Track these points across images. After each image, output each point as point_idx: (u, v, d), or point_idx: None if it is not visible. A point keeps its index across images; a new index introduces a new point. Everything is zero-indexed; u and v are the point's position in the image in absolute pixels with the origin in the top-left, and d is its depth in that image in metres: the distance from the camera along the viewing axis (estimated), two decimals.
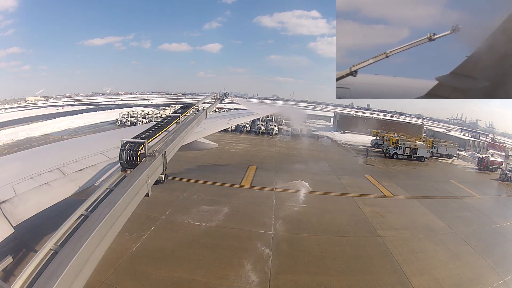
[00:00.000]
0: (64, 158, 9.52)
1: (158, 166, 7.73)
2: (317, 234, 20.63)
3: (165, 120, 11.43)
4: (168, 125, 10.60)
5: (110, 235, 5.28)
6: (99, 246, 4.87)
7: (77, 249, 4.32)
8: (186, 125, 11.87)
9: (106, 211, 5.20)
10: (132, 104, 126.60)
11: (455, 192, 34.24)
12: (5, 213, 6.43)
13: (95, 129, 64.47)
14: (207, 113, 15.98)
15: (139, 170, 6.86)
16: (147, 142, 7.75)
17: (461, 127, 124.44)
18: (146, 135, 8.61)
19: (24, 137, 54.09)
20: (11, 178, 7.82)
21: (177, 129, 10.91)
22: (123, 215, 5.81)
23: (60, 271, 3.93)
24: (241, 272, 16.12)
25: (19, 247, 14.78)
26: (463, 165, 55.04)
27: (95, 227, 4.77)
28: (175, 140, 9.47)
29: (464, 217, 26.14)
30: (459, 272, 17.30)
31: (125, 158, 7.25)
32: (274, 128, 68.94)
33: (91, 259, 4.63)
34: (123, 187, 6.12)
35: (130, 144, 7.41)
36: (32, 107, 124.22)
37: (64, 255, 4.23)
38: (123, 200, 5.70)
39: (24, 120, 76.27)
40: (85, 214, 5.40)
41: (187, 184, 29.39)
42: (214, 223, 21.53)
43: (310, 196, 28.27)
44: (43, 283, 3.80)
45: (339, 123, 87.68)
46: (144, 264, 16.35)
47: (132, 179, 6.40)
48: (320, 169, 39.82)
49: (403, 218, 24.70)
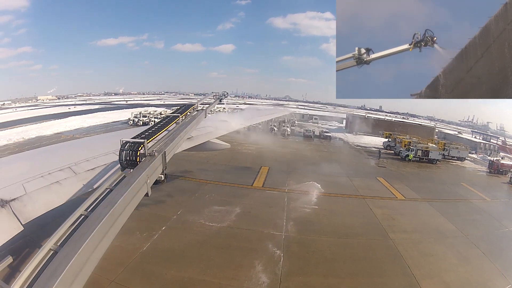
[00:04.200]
0: (76, 157, 9.56)
1: (157, 166, 7.81)
2: (328, 236, 20.64)
3: (165, 120, 11.47)
4: (167, 125, 10.63)
5: (110, 235, 5.34)
6: (99, 246, 4.94)
7: (77, 249, 4.38)
8: (186, 125, 11.96)
9: (105, 211, 5.26)
10: (144, 104, 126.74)
11: (466, 195, 34.04)
12: (14, 211, 6.52)
13: (107, 128, 64.80)
14: (206, 113, 16.06)
15: (139, 170, 6.94)
16: (147, 142, 7.81)
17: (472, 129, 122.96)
18: (146, 135, 8.65)
19: (35, 136, 54.55)
20: (21, 176, 7.88)
21: (176, 129, 10.98)
22: (123, 215, 5.84)
23: (60, 271, 3.99)
24: (251, 273, 16.15)
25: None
26: (474, 168, 54.46)
27: (95, 227, 4.83)
28: (174, 140, 9.57)
29: (474, 220, 26.05)
30: (468, 276, 17.29)
31: (124, 158, 7.28)
32: (286, 129, 68.98)
33: (91, 259, 4.69)
34: (122, 187, 6.17)
35: (129, 144, 7.45)
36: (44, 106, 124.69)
37: (64, 255, 4.29)
38: (123, 200, 5.75)
39: (35, 119, 76.86)
40: (85, 214, 5.47)
41: (199, 184, 29.64)
42: (226, 223, 21.59)
43: (322, 198, 28.22)
44: (43, 283, 3.87)
45: (351, 124, 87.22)
46: (154, 264, 16.48)
47: (131, 179, 6.46)
48: (332, 170, 39.68)
49: (414, 220, 24.66)
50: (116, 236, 8.89)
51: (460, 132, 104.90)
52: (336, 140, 69.87)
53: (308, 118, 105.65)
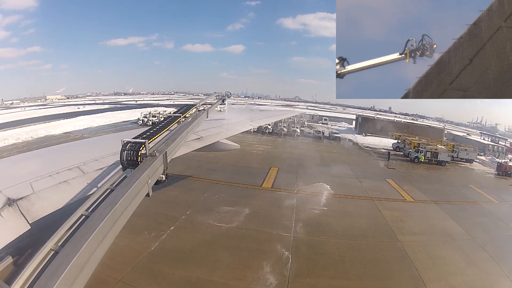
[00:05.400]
0: (85, 156, 9.55)
1: (159, 166, 7.71)
2: (337, 238, 20.69)
3: (166, 120, 11.40)
4: (169, 125, 10.55)
5: (111, 235, 5.29)
6: (100, 246, 4.90)
7: (77, 249, 4.34)
8: (187, 125, 11.85)
9: (106, 211, 5.21)
10: (154, 104, 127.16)
11: (474, 198, 33.91)
12: (22, 210, 6.54)
13: (116, 128, 65.28)
14: (208, 113, 15.97)
15: (140, 170, 6.86)
16: (148, 142, 7.76)
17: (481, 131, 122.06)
18: (147, 135, 8.61)
19: (43, 135, 54.98)
20: (29, 175, 7.88)
21: (178, 129, 10.84)
22: (124, 215, 5.77)
23: (60, 271, 3.96)
24: (259, 274, 16.21)
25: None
26: (482, 170, 54.28)
27: (95, 227, 4.79)
28: (176, 140, 9.47)
29: (482, 223, 25.97)
30: (475, 279, 17.30)
31: (125, 158, 7.22)
32: (296, 130, 69.22)
33: (91, 259, 4.65)
34: (123, 187, 6.11)
35: (131, 144, 7.37)
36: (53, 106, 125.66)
37: (64, 255, 4.26)
38: (124, 200, 5.69)
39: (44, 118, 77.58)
40: (86, 214, 5.45)
41: (208, 184, 29.80)
42: (234, 224, 21.68)
43: (331, 199, 28.31)
44: (44, 283, 3.84)
45: (361, 125, 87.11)
46: (162, 264, 16.57)
47: (132, 179, 6.39)
48: (341, 171, 39.78)
49: (423, 223, 24.68)
50: (124, 236, 8.86)
51: (469, 134, 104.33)
52: (346, 141, 69.91)
53: (318, 119, 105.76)
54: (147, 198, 6.80)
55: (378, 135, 77.74)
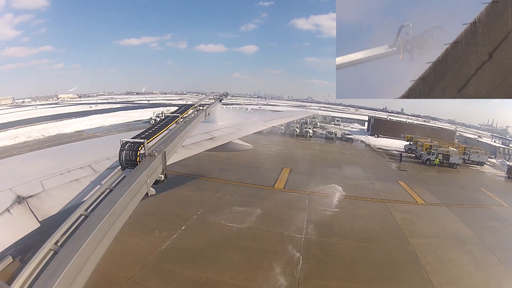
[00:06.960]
0: (96, 155, 9.62)
1: (157, 166, 7.82)
2: (348, 240, 20.79)
3: (165, 120, 11.56)
4: (167, 125, 10.70)
5: (110, 235, 5.35)
6: (99, 246, 4.96)
7: (76, 249, 4.40)
8: (186, 125, 12.02)
9: (105, 211, 5.29)
10: (166, 103, 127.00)
11: (484, 201, 33.82)
12: (32, 207, 6.61)
13: (129, 127, 65.80)
14: (206, 113, 16.14)
15: (139, 170, 6.96)
16: (147, 142, 7.85)
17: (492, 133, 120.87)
18: (146, 135, 8.72)
19: (55, 133, 55.65)
20: (40, 173, 7.98)
21: (176, 129, 11.04)
22: (123, 215, 5.83)
23: (60, 271, 4.02)
24: (269, 275, 16.33)
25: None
26: (493, 172, 53.84)
27: (95, 227, 4.87)
28: (174, 140, 9.59)
29: (492, 226, 25.91)
30: (484, 284, 17.34)
31: (124, 158, 7.31)
32: (308, 130, 69.12)
33: (91, 259, 4.71)
34: (122, 187, 6.19)
35: (130, 144, 7.48)
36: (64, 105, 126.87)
37: (64, 255, 4.32)
38: (123, 200, 5.77)
39: (56, 117, 78.53)
40: (85, 214, 5.52)
41: (220, 184, 30.11)
42: (246, 224, 21.87)
43: (342, 201, 28.44)
44: (43, 283, 3.90)
45: (373, 127, 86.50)
46: (172, 263, 16.75)
47: (131, 179, 6.48)
48: (353, 173, 39.85)
49: (433, 226, 24.67)
50: (135, 234, 8.83)
51: (480, 136, 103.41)
52: (358, 142, 69.69)
53: (330, 120, 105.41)
54: (158, 197, 6.93)
55: (390, 137, 77.21)
